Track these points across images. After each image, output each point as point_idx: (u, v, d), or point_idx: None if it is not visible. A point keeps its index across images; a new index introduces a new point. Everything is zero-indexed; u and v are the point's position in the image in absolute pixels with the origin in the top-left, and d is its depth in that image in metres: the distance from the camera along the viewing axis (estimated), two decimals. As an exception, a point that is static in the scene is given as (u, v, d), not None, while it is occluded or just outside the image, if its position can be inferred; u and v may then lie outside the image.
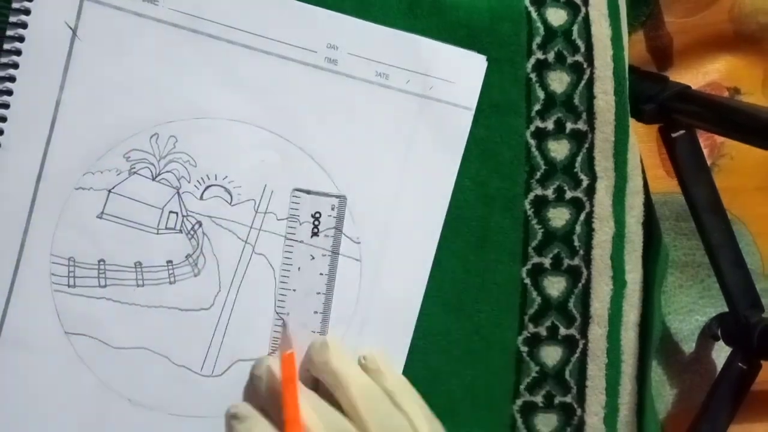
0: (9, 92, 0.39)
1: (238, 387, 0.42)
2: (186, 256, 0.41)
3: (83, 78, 0.39)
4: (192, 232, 0.41)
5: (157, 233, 0.41)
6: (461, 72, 0.43)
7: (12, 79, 0.39)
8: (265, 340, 0.42)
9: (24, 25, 0.39)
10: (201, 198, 0.41)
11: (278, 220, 0.42)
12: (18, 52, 0.39)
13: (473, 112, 0.43)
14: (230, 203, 0.41)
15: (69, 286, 0.40)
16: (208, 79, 0.41)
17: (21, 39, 0.39)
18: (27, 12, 0.38)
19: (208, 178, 0.41)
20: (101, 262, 0.40)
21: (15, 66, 0.39)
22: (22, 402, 0.40)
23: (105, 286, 0.40)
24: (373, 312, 0.43)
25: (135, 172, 0.40)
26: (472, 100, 0.43)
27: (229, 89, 0.41)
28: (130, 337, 0.41)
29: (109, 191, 0.40)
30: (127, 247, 0.40)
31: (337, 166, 0.42)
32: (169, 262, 0.41)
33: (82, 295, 0.40)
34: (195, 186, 0.41)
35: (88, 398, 0.40)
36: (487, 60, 0.44)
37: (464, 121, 0.43)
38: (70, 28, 0.39)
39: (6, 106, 0.39)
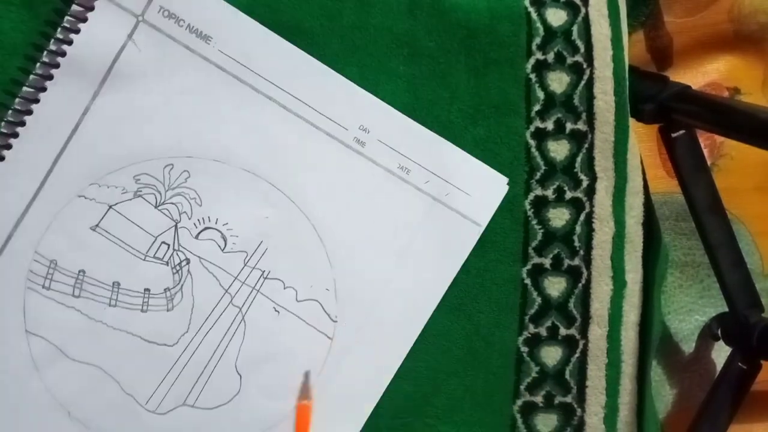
0: (43, 89, 0.39)
1: (176, 430, 0.41)
2: (165, 289, 0.41)
3: (118, 94, 0.39)
4: (178, 267, 0.41)
5: (144, 259, 0.41)
6: (481, 187, 0.43)
7: (50, 77, 0.39)
8: (215, 392, 0.42)
9: (77, 31, 0.39)
10: (196, 237, 0.41)
11: (264, 278, 0.42)
12: (63, 54, 0.39)
13: (483, 229, 0.44)
14: (223, 249, 0.41)
15: (44, 287, 0.40)
16: (236, 126, 0.41)
17: (69, 42, 0.39)
18: (84, 20, 0.38)
19: (209, 220, 0.41)
20: (81, 273, 0.40)
21: (56, 66, 0.39)
22: None
23: (78, 296, 0.40)
24: (331, 391, 0.42)
25: (140, 195, 0.40)
26: (485, 217, 0.44)
27: (254, 141, 0.41)
28: (87, 353, 0.40)
29: (110, 206, 0.40)
30: (111, 265, 0.40)
31: (336, 242, 0.42)
32: (147, 290, 0.41)
33: (53, 299, 0.40)
34: (194, 224, 0.41)
35: (30, 401, 0.40)
36: (487, 62, 0.44)
37: (471, 235, 0.43)
38: (136, 44, 0.39)
39: (36, 101, 0.39)
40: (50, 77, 0.39)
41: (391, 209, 0.43)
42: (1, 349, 0.40)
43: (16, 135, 0.39)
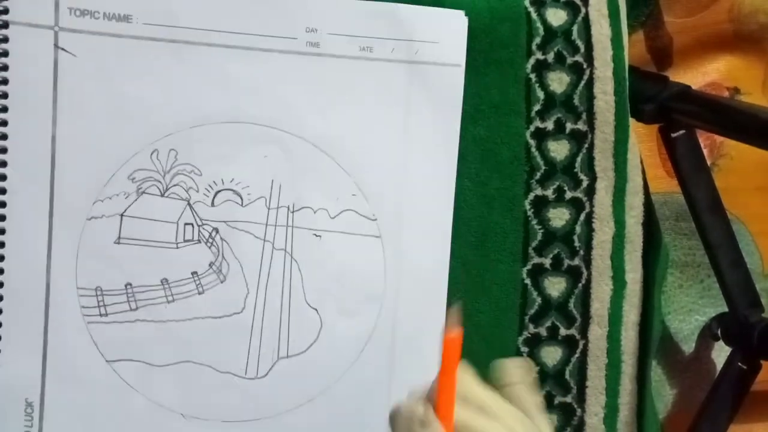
0: (4, 136, 0.38)
1: (284, 386, 0.42)
2: (209, 265, 0.41)
3: (73, 109, 0.39)
4: (210, 240, 0.41)
5: (177, 247, 0.41)
6: (444, 31, 0.42)
7: (4, 123, 0.38)
8: (301, 334, 0.42)
9: (5, 68, 0.38)
10: (212, 204, 0.41)
11: (291, 212, 0.42)
12: (4, 96, 0.38)
13: (463, 67, 0.43)
14: (242, 204, 0.41)
15: (101, 315, 0.40)
16: (195, 86, 0.40)
17: (5, 82, 0.38)
18: (5, 54, 0.38)
19: (216, 184, 0.41)
20: (128, 286, 0.40)
21: (4, 110, 0.38)
22: None
23: (136, 308, 0.40)
24: (403, 284, 0.42)
25: (143, 192, 0.40)
26: (460, 56, 0.43)
27: (218, 92, 0.41)
28: (171, 353, 0.41)
29: (122, 215, 0.40)
30: (151, 266, 0.40)
31: (340, 148, 0.42)
32: (194, 273, 0.41)
33: (116, 322, 0.40)
34: (204, 194, 0.41)
35: (142, 420, 0.40)
36: (487, 62, 0.43)
37: (456, 79, 0.43)
38: (66, 51, 0.38)
39: (4, 150, 0.38)
40: (4, 123, 0.38)
41: (372, 92, 0.42)
42: (95, 387, 0.40)
43: (3, 191, 0.39)
